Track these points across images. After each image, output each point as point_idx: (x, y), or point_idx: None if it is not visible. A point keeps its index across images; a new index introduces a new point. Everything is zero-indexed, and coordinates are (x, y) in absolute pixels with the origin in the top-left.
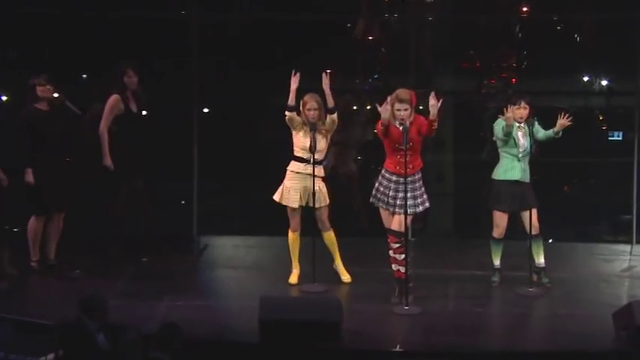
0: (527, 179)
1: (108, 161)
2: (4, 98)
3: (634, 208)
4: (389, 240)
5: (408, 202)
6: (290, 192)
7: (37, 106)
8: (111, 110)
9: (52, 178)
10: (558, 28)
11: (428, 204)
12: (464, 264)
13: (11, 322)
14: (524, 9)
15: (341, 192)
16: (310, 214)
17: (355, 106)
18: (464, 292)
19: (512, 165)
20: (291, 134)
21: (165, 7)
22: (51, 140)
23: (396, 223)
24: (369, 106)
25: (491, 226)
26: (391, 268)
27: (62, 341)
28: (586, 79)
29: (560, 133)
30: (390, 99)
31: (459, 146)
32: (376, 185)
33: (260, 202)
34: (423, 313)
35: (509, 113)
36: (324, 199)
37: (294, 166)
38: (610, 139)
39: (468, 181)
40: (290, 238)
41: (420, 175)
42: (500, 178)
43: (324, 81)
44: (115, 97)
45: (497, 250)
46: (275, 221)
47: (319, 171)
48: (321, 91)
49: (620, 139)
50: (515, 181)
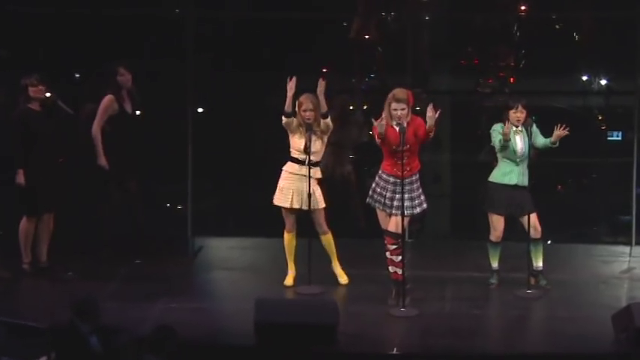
0: (524, 183)
1: (102, 161)
2: None
3: (633, 209)
4: (386, 241)
5: (405, 204)
6: (282, 192)
7: (29, 106)
8: (105, 110)
9: (44, 179)
10: (557, 26)
11: (425, 205)
12: (461, 266)
13: (3, 325)
14: (522, 7)
15: (337, 193)
16: (307, 216)
17: (352, 106)
18: (461, 294)
19: (510, 169)
20: (287, 135)
21: (159, 5)
22: (43, 140)
23: (392, 224)
24: (365, 106)
25: (488, 228)
26: (388, 269)
27: (54, 344)
28: (585, 78)
29: (557, 143)
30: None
31: (456, 146)
32: (373, 186)
33: (255, 202)
34: (420, 315)
35: (506, 129)
36: (319, 201)
37: (289, 166)
38: (609, 139)
39: (466, 182)
40: (285, 239)
41: (417, 176)
42: (497, 182)
43: (320, 87)
44: (110, 98)
45: (495, 253)
46: (270, 222)
47: (316, 172)
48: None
49: (619, 139)
50: (513, 186)
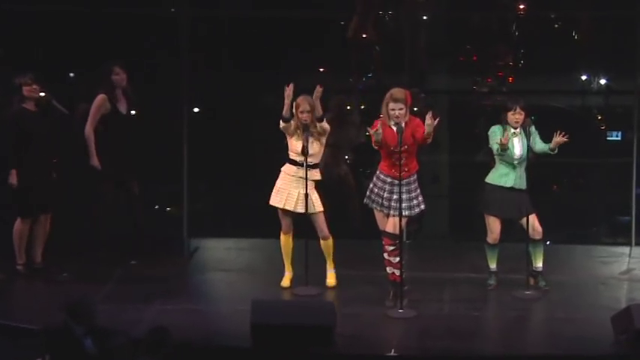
0: (523, 186)
1: (95, 161)
2: None
3: (633, 210)
4: (383, 242)
5: (403, 205)
6: (278, 192)
7: (23, 106)
8: (97, 110)
9: (39, 179)
10: (556, 25)
11: (423, 206)
12: (459, 266)
13: None
14: (520, 6)
15: (335, 193)
16: (304, 218)
17: (349, 106)
18: (459, 295)
19: (507, 171)
20: (285, 137)
21: (154, 4)
22: (37, 141)
23: (390, 225)
24: (362, 106)
25: (486, 229)
26: (385, 270)
27: (48, 346)
28: (584, 77)
29: (556, 150)
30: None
31: (455, 146)
32: (370, 186)
33: (252, 203)
34: (418, 316)
35: (504, 139)
36: (316, 205)
37: (287, 167)
38: (608, 139)
39: (464, 182)
40: (282, 240)
41: (415, 177)
42: (493, 183)
43: (316, 94)
44: (101, 97)
45: (493, 255)
46: (267, 223)
47: (314, 174)
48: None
49: (618, 139)
50: (510, 188)
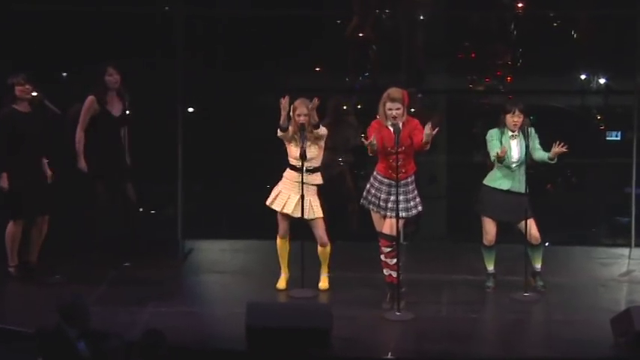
0: (521, 189)
1: (81, 164)
2: None
3: (632, 211)
4: (380, 244)
5: (400, 206)
6: (278, 195)
7: (14, 107)
8: (86, 112)
9: (32, 181)
10: (555, 24)
11: (421, 208)
12: (457, 268)
13: None
14: (519, 5)
15: (331, 195)
16: (302, 222)
17: (345, 106)
18: (457, 298)
19: (505, 174)
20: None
21: (148, 2)
22: (30, 141)
23: (387, 226)
24: (359, 106)
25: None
26: (382, 272)
27: (41, 349)
28: (583, 77)
29: (555, 159)
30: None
31: (453, 147)
32: (367, 187)
33: (247, 204)
34: (416, 319)
35: (502, 152)
36: (315, 211)
37: (288, 173)
38: (608, 139)
39: (462, 183)
40: (278, 244)
41: (412, 178)
42: (490, 185)
43: (312, 105)
44: (90, 99)
45: (490, 257)
46: (263, 224)
47: (315, 179)
48: (315, 91)
49: (618, 139)
50: (507, 191)
